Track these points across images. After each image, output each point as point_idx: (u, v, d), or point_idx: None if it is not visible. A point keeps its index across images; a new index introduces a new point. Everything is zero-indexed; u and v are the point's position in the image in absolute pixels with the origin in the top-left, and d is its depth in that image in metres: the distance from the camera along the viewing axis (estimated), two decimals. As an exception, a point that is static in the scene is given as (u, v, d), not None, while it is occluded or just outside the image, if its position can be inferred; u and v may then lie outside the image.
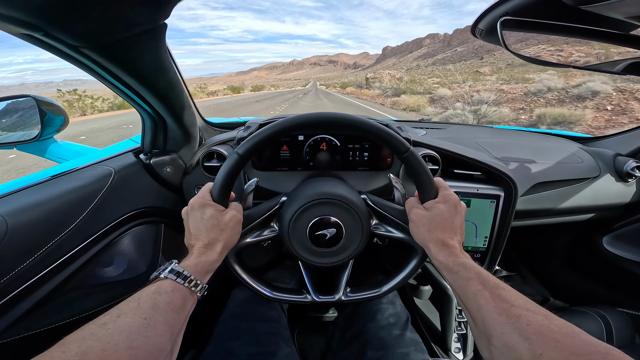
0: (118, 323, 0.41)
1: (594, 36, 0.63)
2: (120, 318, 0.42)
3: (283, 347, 0.82)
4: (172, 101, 0.84)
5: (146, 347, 0.41)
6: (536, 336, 0.39)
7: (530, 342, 0.39)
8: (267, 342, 0.82)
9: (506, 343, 0.42)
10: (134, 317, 0.43)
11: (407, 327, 0.87)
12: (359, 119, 0.66)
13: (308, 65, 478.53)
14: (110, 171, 0.85)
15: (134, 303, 0.45)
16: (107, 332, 0.39)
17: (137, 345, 0.40)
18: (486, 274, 0.52)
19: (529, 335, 0.40)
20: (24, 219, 0.64)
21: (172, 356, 0.47)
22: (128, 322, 0.42)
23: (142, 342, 0.41)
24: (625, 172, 1.21)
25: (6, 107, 1.01)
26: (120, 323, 0.41)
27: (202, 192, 0.65)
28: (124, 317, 0.42)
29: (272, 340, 0.83)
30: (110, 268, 0.84)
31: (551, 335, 0.39)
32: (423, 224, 0.63)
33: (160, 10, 0.56)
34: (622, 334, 1.20)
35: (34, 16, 0.45)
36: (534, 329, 0.40)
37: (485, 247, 1.09)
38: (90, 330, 0.40)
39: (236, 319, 0.87)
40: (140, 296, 0.47)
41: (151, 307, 0.45)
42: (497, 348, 0.43)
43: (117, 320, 0.41)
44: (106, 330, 0.40)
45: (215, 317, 0.90)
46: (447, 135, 1.32)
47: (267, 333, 0.84)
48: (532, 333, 0.40)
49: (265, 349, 0.80)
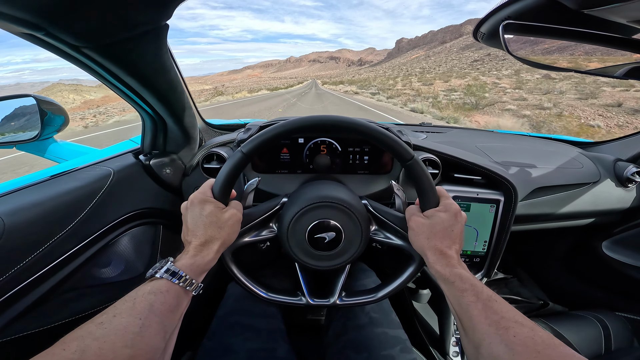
0: (114, 323, 0.42)
1: (597, 40, 0.63)
2: (116, 318, 0.43)
3: (282, 344, 0.82)
4: (173, 102, 0.84)
5: (141, 346, 0.42)
6: (520, 347, 0.42)
7: (514, 353, 0.42)
8: (267, 339, 0.82)
9: (492, 352, 0.44)
10: (129, 317, 0.44)
11: (394, 325, 0.87)
12: (363, 123, 0.66)
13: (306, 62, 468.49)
14: (110, 172, 0.84)
15: (130, 303, 0.46)
16: (104, 332, 0.41)
17: (133, 344, 0.41)
18: (480, 286, 0.53)
19: (514, 347, 0.42)
20: (22, 219, 0.64)
21: (166, 354, 0.49)
22: (124, 322, 0.43)
23: (138, 341, 0.42)
24: (626, 178, 1.21)
25: (6, 107, 1.01)
26: (116, 323, 0.42)
27: (203, 188, 0.65)
28: (119, 317, 0.43)
29: (271, 336, 0.83)
30: (108, 269, 0.83)
31: (534, 346, 0.42)
32: (422, 231, 0.62)
33: (161, 11, 0.55)
34: (620, 338, 1.20)
35: (35, 15, 0.44)
36: (520, 340, 0.43)
37: (484, 251, 1.09)
38: (88, 329, 0.41)
39: (235, 314, 0.87)
40: (135, 296, 0.48)
41: (146, 307, 0.46)
42: (483, 357, 0.46)
43: (113, 320, 0.43)
44: (103, 330, 0.41)
45: (212, 312, 0.89)
46: (448, 139, 1.33)
47: (266, 329, 0.84)
48: (517, 344, 0.43)
49: (265, 345, 0.80)
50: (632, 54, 0.66)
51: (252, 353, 0.77)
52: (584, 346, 1.16)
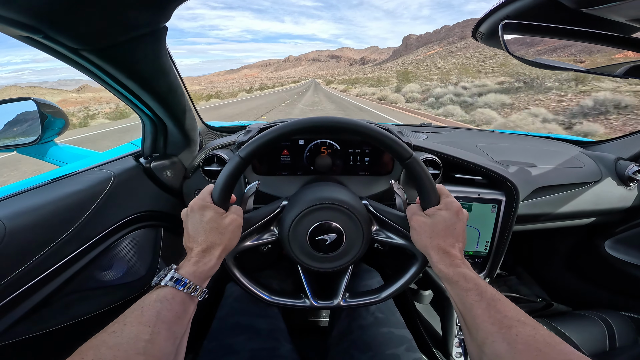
0: (125, 331, 0.44)
1: (596, 39, 0.63)
2: (127, 326, 0.45)
3: (283, 344, 0.83)
4: (173, 104, 0.84)
5: (153, 352, 0.44)
6: (522, 345, 0.43)
7: (516, 351, 0.43)
8: (268, 338, 0.82)
9: (495, 351, 0.45)
10: (139, 325, 0.45)
11: (399, 325, 0.87)
12: (362, 124, 0.66)
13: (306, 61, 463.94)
14: (110, 175, 0.84)
15: (138, 311, 0.48)
16: (117, 340, 0.42)
17: (145, 351, 0.43)
18: (484, 286, 0.54)
19: (516, 345, 0.43)
20: (23, 223, 0.64)
21: (178, 359, 0.51)
22: (134, 331, 0.44)
23: (149, 348, 0.43)
24: (627, 176, 1.21)
25: (6, 110, 1.01)
26: (128, 331, 0.44)
27: (202, 194, 0.65)
28: (130, 325, 0.45)
29: (272, 336, 0.83)
30: (109, 272, 0.83)
31: (535, 345, 0.42)
32: (424, 230, 0.62)
33: (160, 13, 0.55)
34: (624, 338, 1.19)
35: (33, 18, 0.44)
36: (522, 339, 0.44)
37: (486, 252, 1.08)
38: (102, 338, 0.43)
39: (235, 315, 0.87)
40: (143, 304, 0.49)
41: (154, 315, 0.47)
42: (486, 355, 0.46)
43: (124, 329, 0.44)
44: (116, 339, 0.43)
45: (211, 313, 0.89)
46: (448, 139, 1.32)
47: (267, 329, 0.85)
48: (519, 343, 0.43)
49: (267, 345, 0.80)
50: (631, 53, 0.66)
51: (254, 353, 0.77)
52: (588, 346, 1.15)
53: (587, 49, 0.70)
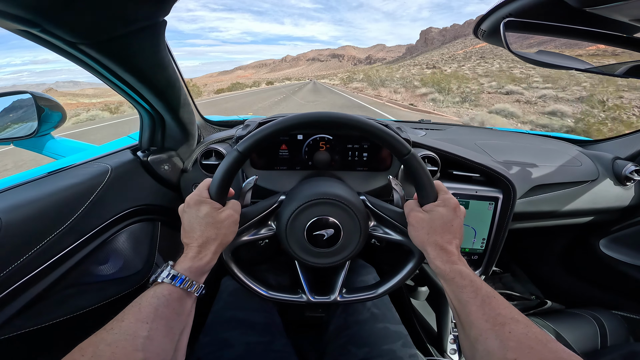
0: (123, 328, 0.44)
1: (598, 39, 0.62)
2: (125, 323, 0.45)
3: (279, 337, 0.83)
4: (171, 98, 0.83)
5: (152, 349, 0.44)
6: (514, 343, 0.43)
7: (508, 349, 0.43)
8: (264, 332, 0.82)
9: (487, 347, 0.46)
10: (137, 322, 0.46)
11: (395, 321, 0.87)
12: (360, 119, 0.66)
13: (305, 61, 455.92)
14: (107, 168, 0.84)
15: (136, 308, 0.48)
16: (115, 337, 0.43)
17: (144, 348, 0.43)
18: (480, 283, 0.54)
19: (508, 342, 0.44)
20: (19, 216, 0.63)
21: (179, 355, 0.51)
22: (132, 327, 0.45)
23: (148, 344, 0.44)
24: (624, 176, 1.21)
25: (4, 103, 1.00)
26: (125, 328, 0.44)
27: (199, 189, 0.65)
28: (127, 322, 0.45)
29: (267, 330, 0.83)
30: (105, 266, 0.83)
31: (527, 342, 0.43)
32: (422, 227, 0.63)
33: (160, 6, 0.55)
34: (615, 336, 1.21)
35: (30, 12, 0.44)
36: (514, 336, 0.44)
37: (482, 249, 1.09)
38: (101, 335, 0.43)
39: (230, 309, 0.87)
40: (140, 301, 0.49)
41: (152, 311, 0.48)
42: (479, 352, 0.47)
43: (122, 326, 0.45)
44: (114, 335, 0.43)
45: (206, 307, 0.89)
46: (447, 136, 1.32)
47: (263, 323, 0.85)
48: (512, 340, 0.44)
49: (262, 339, 0.80)
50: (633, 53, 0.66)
51: (249, 346, 0.77)
52: (580, 344, 1.17)
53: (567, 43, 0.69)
